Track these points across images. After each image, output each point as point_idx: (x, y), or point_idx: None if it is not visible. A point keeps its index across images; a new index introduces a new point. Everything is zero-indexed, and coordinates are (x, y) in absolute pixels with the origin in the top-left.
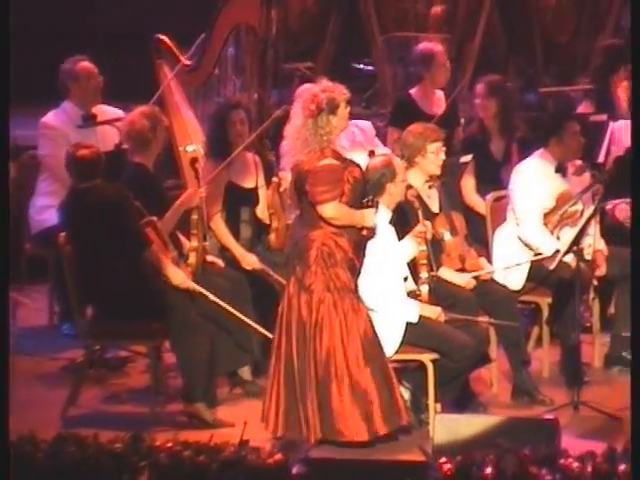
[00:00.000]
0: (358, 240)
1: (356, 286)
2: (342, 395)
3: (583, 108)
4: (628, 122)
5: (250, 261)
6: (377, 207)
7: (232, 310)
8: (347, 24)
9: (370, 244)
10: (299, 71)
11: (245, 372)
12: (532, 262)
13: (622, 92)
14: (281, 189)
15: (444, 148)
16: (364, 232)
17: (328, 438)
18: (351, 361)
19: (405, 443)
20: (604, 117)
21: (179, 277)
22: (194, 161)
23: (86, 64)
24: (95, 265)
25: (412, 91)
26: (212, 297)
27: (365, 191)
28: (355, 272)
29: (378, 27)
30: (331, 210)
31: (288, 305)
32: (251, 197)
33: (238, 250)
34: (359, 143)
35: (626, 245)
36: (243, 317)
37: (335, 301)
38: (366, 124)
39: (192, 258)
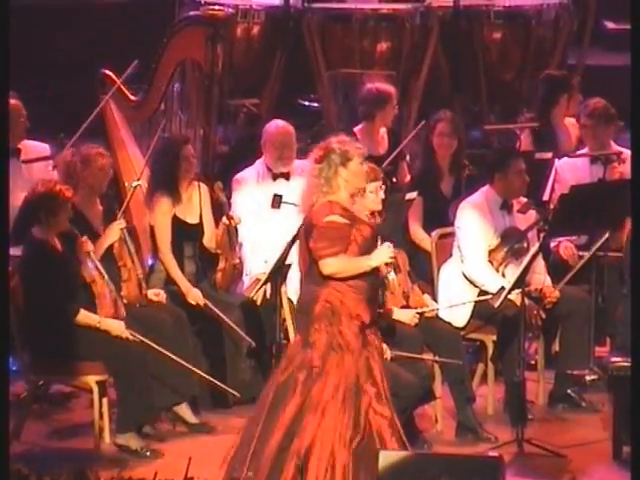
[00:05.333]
0: (368, 296)
1: (365, 342)
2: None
3: (526, 145)
4: (573, 160)
5: (194, 296)
6: (391, 243)
7: (166, 352)
8: (293, 60)
9: None
10: (245, 107)
11: (187, 413)
12: (477, 299)
13: (566, 126)
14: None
15: (383, 187)
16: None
17: None
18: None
19: None
20: (549, 155)
21: (116, 328)
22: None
23: (13, 102)
24: (36, 307)
25: (356, 130)
26: (147, 342)
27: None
28: (362, 328)
29: (324, 63)
30: (330, 266)
31: (289, 361)
32: (195, 232)
33: (184, 284)
34: None
35: (570, 282)
36: (177, 358)
37: (339, 359)
38: None
39: (125, 290)
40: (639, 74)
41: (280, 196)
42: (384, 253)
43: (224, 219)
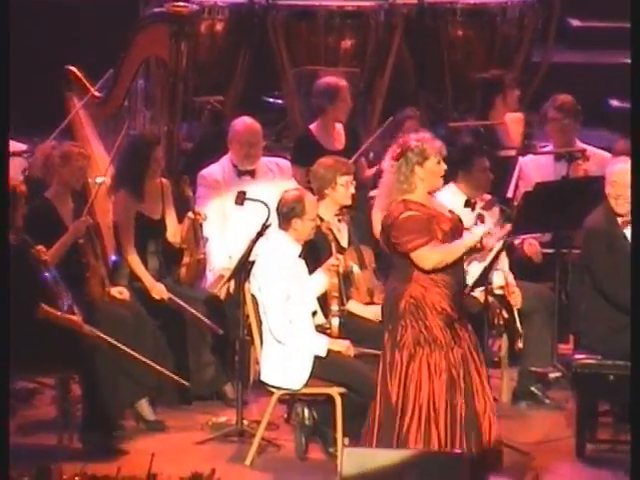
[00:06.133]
0: (453, 290)
1: (455, 337)
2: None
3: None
4: (537, 157)
5: (159, 291)
6: (483, 221)
7: (125, 349)
8: (258, 57)
9: (279, 276)
10: (209, 104)
11: (145, 410)
12: None
13: (507, 124)
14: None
15: (354, 182)
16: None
17: None
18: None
19: (313, 477)
20: (513, 152)
21: (77, 324)
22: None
23: None
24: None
25: (312, 127)
26: (106, 338)
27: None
28: (450, 323)
29: (288, 60)
30: (429, 260)
31: (382, 360)
32: (158, 228)
33: (148, 280)
34: (277, 183)
35: (534, 280)
36: (135, 354)
37: (427, 355)
38: (285, 163)
39: (88, 287)
40: (639, 74)
41: (244, 192)
42: (475, 234)
43: (189, 214)
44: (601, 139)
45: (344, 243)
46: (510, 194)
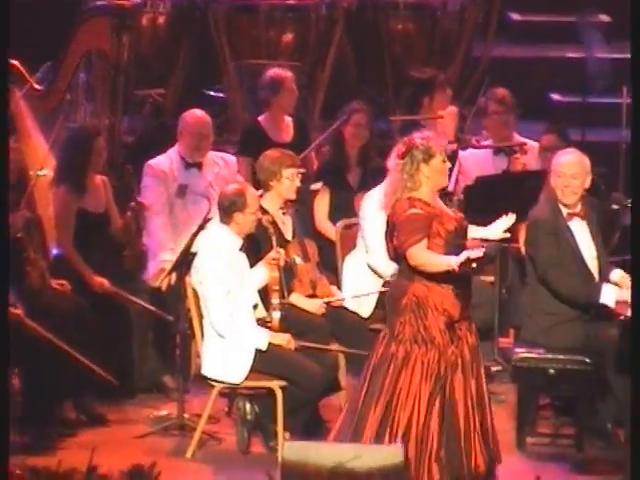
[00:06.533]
0: (456, 292)
1: (454, 338)
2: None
3: None
4: (476, 151)
5: (100, 283)
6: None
7: (60, 343)
8: (199, 50)
9: (220, 270)
10: (150, 97)
11: (89, 403)
12: (381, 290)
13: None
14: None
15: (300, 174)
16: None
17: None
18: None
19: (254, 471)
20: (454, 146)
21: (18, 317)
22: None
23: None
24: None
25: (260, 118)
26: (45, 332)
27: (462, 243)
28: (450, 324)
29: (230, 54)
30: (414, 257)
31: (378, 356)
32: (101, 221)
33: (89, 273)
34: (222, 177)
35: (474, 273)
36: (69, 349)
37: (422, 354)
38: (231, 158)
39: (28, 280)
40: (639, 73)
41: (185, 186)
42: (466, 254)
43: (132, 204)
44: (541, 133)
45: (288, 236)
46: (451, 188)
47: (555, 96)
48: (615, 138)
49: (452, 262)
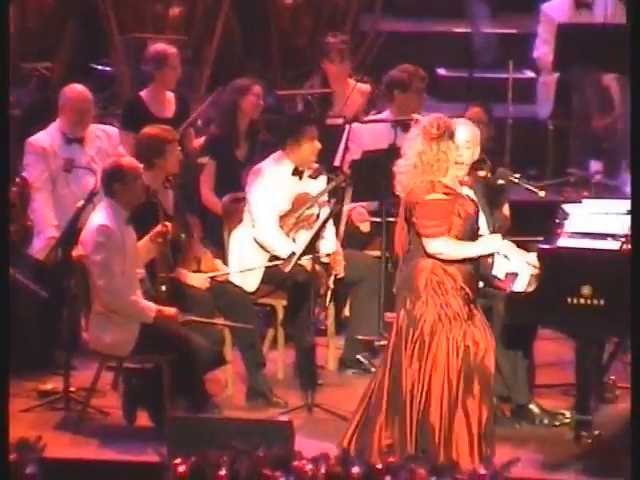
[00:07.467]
0: (471, 269)
1: (470, 315)
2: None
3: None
4: (365, 126)
5: None
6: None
7: None
8: (86, 24)
9: (106, 244)
10: (37, 71)
11: None
12: (267, 264)
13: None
14: None
15: (179, 148)
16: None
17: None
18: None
19: (140, 445)
20: (340, 120)
21: None
22: None
23: None
24: None
25: (142, 93)
26: None
27: (477, 227)
28: (468, 301)
29: (116, 27)
30: (437, 246)
31: (397, 338)
32: None
33: None
34: (104, 150)
35: (361, 248)
36: None
37: (447, 330)
38: (113, 131)
39: None
40: (639, 76)
41: (72, 159)
42: (493, 244)
43: (17, 180)
44: (428, 108)
45: (170, 211)
46: (338, 162)
47: (441, 71)
48: (501, 114)
49: (472, 253)
